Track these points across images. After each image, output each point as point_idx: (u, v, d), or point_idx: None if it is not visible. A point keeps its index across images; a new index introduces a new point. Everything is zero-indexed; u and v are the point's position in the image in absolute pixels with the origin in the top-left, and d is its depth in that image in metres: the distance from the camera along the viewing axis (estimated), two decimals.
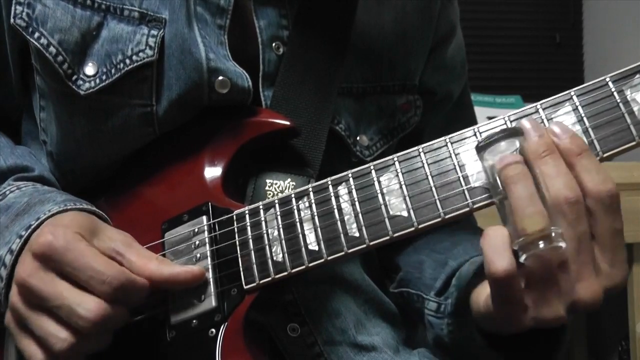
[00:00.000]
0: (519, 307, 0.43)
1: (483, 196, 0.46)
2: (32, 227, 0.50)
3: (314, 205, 0.50)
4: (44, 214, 0.50)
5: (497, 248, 0.42)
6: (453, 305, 0.53)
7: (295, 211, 0.50)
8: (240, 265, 0.50)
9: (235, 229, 0.52)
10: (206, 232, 0.52)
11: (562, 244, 0.41)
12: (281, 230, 0.50)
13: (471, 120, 0.77)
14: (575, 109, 0.46)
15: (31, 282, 0.46)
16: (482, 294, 0.48)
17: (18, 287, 0.48)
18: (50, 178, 0.60)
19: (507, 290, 0.43)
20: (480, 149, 0.45)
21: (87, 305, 0.46)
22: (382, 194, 0.48)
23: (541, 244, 0.40)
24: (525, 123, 0.45)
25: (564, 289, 0.42)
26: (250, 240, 0.51)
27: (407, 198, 0.47)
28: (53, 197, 0.54)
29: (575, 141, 0.44)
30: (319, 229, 0.49)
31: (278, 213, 0.51)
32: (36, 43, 0.55)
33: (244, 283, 0.50)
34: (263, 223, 0.51)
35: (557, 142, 0.44)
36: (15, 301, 0.48)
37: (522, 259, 0.41)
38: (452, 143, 0.48)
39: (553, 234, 0.40)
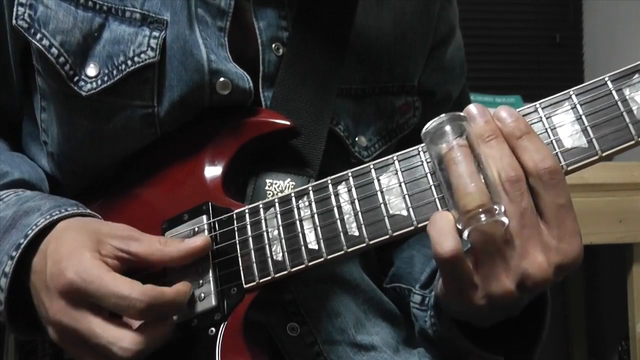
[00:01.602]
0: (468, 286, 0.44)
1: None
2: (23, 246, 0.50)
3: (313, 204, 0.50)
4: (31, 230, 0.50)
5: (442, 230, 0.43)
6: (436, 297, 0.54)
7: (295, 210, 0.50)
8: (240, 264, 0.51)
9: (235, 228, 0.52)
10: (206, 231, 0.52)
11: (504, 219, 0.42)
12: (281, 229, 0.50)
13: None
14: (574, 108, 0.46)
15: (64, 321, 0.47)
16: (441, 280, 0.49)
17: (54, 327, 0.48)
18: (31, 180, 0.60)
19: (454, 270, 0.44)
20: (426, 134, 0.46)
21: (122, 343, 0.46)
22: (382, 193, 0.48)
23: (482, 217, 0.41)
24: (472, 108, 0.46)
25: (511, 264, 0.43)
26: (250, 240, 0.51)
27: (407, 197, 0.47)
28: (37, 206, 0.53)
29: (518, 124, 0.45)
30: (318, 228, 0.49)
31: (278, 212, 0.51)
32: (38, 44, 0.55)
33: (243, 282, 0.50)
34: (263, 222, 0.51)
35: (501, 127, 0.45)
36: (58, 339, 0.49)
37: (465, 235, 0.42)
38: None
39: (493, 209, 0.41)
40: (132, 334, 0.46)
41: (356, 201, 0.48)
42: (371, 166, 0.49)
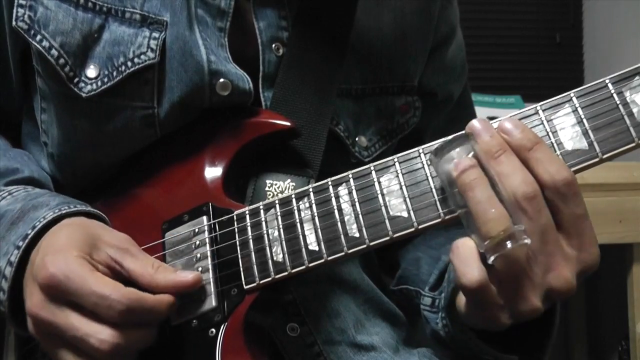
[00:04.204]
0: (495, 309, 0.44)
1: None
2: (30, 236, 0.50)
3: (314, 206, 0.50)
4: (39, 222, 0.51)
5: (466, 260, 0.42)
6: (446, 300, 0.54)
7: (296, 211, 0.50)
8: (241, 265, 0.51)
9: (236, 229, 0.52)
10: (206, 232, 0.53)
11: (527, 240, 0.41)
12: (281, 230, 0.50)
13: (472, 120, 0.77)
14: (575, 111, 0.46)
15: (43, 315, 0.47)
16: (463, 298, 0.48)
17: (32, 319, 0.48)
18: (40, 178, 0.60)
19: (481, 297, 0.43)
20: (433, 158, 0.45)
21: (100, 336, 0.45)
22: (382, 195, 0.48)
23: (508, 244, 0.41)
24: (475, 124, 0.45)
25: (536, 282, 0.43)
26: (251, 241, 0.51)
27: (407, 199, 0.47)
28: (46, 202, 0.53)
29: (526, 135, 0.44)
30: (319, 230, 0.49)
31: (278, 213, 0.51)
32: (38, 46, 0.55)
33: (244, 283, 0.50)
34: (263, 223, 0.51)
35: (508, 140, 0.44)
36: (35, 332, 0.48)
37: (490, 261, 0.42)
38: None
39: (516, 232, 0.41)
40: (110, 329, 0.46)
41: (357, 203, 0.48)
42: (372, 167, 0.49)
